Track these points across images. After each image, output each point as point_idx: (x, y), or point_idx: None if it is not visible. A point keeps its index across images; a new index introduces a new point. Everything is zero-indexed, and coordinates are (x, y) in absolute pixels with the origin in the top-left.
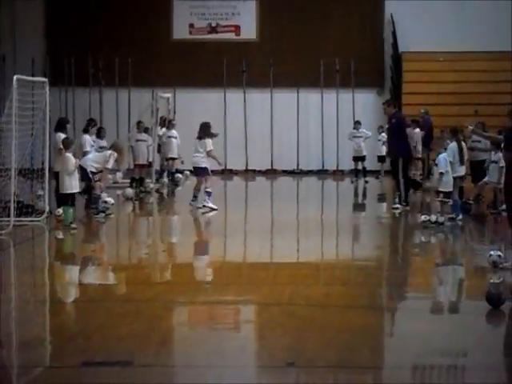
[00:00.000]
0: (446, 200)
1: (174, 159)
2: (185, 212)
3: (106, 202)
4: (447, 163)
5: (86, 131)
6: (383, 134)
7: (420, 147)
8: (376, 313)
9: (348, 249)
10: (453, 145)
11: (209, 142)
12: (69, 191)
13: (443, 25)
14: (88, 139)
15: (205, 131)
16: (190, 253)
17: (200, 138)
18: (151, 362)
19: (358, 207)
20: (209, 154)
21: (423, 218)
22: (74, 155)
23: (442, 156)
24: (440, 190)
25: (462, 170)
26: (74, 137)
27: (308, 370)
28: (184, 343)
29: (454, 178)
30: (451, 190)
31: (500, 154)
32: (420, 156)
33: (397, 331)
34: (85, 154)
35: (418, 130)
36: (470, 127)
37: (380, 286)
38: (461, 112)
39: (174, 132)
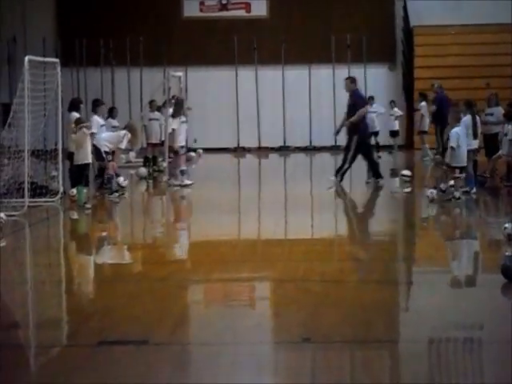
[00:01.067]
0: (459, 175)
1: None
2: (198, 190)
3: (118, 184)
4: (459, 137)
5: (94, 112)
6: (395, 109)
7: (427, 121)
8: (390, 287)
9: (362, 224)
10: (467, 118)
11: (174, 121)
12: (85, 161)
13: None
14: (96, 120)
15: (174, 109)
16: (204, 230)
17: (172, 116)
18: (166, 341)
19: (371, 182)
20: (173, 132)
21: (429, 192)
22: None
23: (454, 130)
24: (453, 165)
25: (475, 144)
26: (87, 117)
27: (324, 345)
28: (199, 321)
29: (468, 152)
30: (464, 164)
31: (510, 127)
32: (426, 130)
33: (412, 305)
34: (91, 134)
35: (424, 103)
36: None
37: (394, 261)
38: (473, 85)
39: (156, 114)
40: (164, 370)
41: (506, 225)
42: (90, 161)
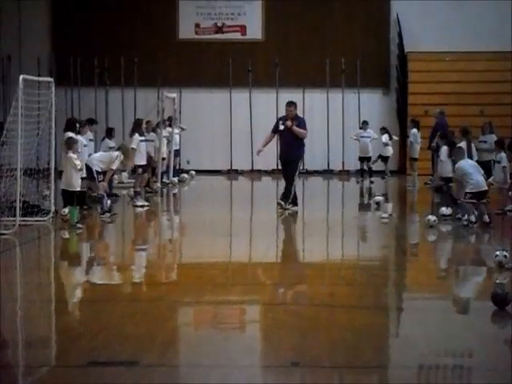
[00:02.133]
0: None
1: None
2: (190, 212)
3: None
4: (465, 169)
5: (78, 132)
6: (386, 136)
7: (417, 147)
8: (381, 313)
9: (353, 249)
10: (462, 144)
11: (133, 139)
12: (67, 188)
13: (449, 25)
14: (79, 140)
15: (132, 128)
16: (195, 253)
17: (130, 135)
18: (156, 362)
19: (363, 207)
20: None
21: (432, 219)
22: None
23: (461, 165)
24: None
25: None
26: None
27: (313, 369)
28: (189, 343)
29: None
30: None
31: (503, 154)
32: (416, 157)
33: (402, 331)
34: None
35: (415, 130)
36: None
37: (385, 286)
38: (466, 112)
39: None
40: None
41: (497, 252)
42: (73, 188)
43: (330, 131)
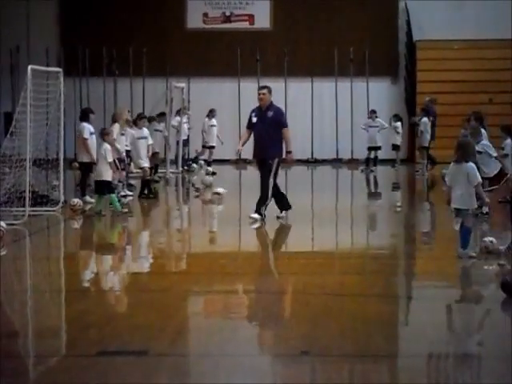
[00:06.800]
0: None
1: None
2: (198, 201)
3: (124, 196)
4: (490, 147)
5: (84, 120)
6: (398, 124)
7: (427, 136)
8: (390, 301)
9: (362, 237)
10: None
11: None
12: (108, 178)
13: (458, 13)
14: (87, 127)
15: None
16: (204, 242)
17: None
18: (166, 352)
19: (372, 196)
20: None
21: None
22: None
23: (485, 143)
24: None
25: None
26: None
27: (322, 358)
28: (199, 332)
29: None
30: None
31: (508, 141)
32: (426, 145)
33: (411, 320)
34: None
35: (425, 118)
36: None
37: (394, 275)
38: (475, 100)
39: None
40: (163, 380)
41: (484, 238)
42: (102, 178)
43: (338, 120)
